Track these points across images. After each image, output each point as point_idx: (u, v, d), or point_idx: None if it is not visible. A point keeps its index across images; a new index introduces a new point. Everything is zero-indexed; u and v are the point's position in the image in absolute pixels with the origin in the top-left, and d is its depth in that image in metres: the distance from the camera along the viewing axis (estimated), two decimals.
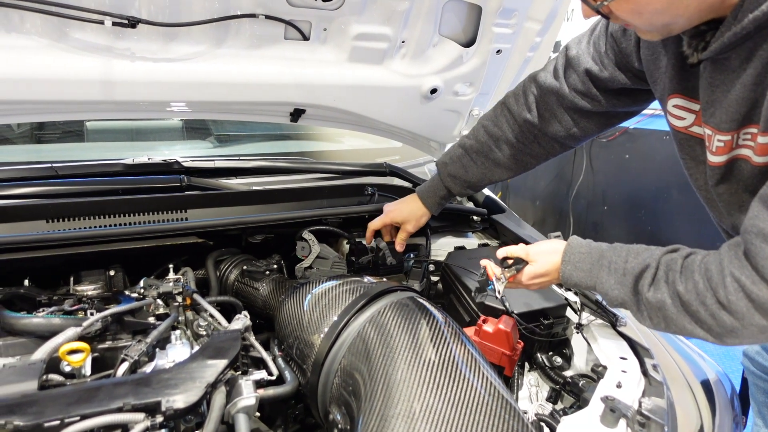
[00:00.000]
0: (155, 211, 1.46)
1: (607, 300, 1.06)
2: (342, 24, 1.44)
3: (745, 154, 0.91)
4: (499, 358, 1.23)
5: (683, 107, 1.04)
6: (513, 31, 1.55)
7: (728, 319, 0.87)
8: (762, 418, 1.36)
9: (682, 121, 1.06)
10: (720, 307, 0.87)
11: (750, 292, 0.83)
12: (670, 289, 0.93)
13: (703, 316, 0.90)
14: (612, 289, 1.03)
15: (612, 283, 1.03)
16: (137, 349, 1.03)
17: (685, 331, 0.94)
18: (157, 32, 1.30)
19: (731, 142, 0.92)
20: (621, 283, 1.02)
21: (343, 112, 1.66)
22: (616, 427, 0.94)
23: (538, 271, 1.16)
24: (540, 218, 5.20)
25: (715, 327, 0.89)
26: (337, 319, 1.10)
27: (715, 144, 0.95)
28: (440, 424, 0.83)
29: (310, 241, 1.47)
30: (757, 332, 0.86)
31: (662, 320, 0.96)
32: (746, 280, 0.84)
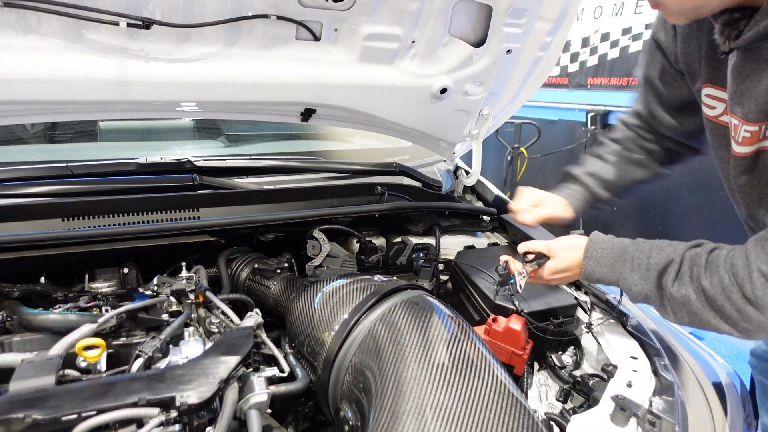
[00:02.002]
0: (168, 209, 1.48)
1: (630, 295, 1.06)
2: (353, 24, 1.45)
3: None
4: (509, 357, 1.24)
5: (715, 96, 1.04)
6: (523, 31, 1.55)
7: (755, 314, 0.87)
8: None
9: (713, 110, 1.06)
10: (746, 302, 0.87)
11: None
12: (695, 284, 0.93)
13: (729, 311, 0.89)
14: (635, 285, 1.03)
15: (635, 279, 1.03)
16: (151, 345, 1.04)
17: (709, 325, 0.94)
18: (170, 33, 1.32)
19: (758, 133, 0.91)
20: (644, 278, 1.01)
21: (353, 112, 1.67)
22: (627, 426, 0.94)
23: (560, 266, 1.16)
24: None
25: (741, 322, 0.89)
26: (347, 317, 1.11)
27: (741, 134, 0.94)
28: (450, 421, 0.83)
29: (321, 240, 1.48)
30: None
31: (686, 315, 0.96)
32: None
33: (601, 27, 4.62)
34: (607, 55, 4.61)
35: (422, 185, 1.89)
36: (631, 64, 4.35)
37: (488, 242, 1.80)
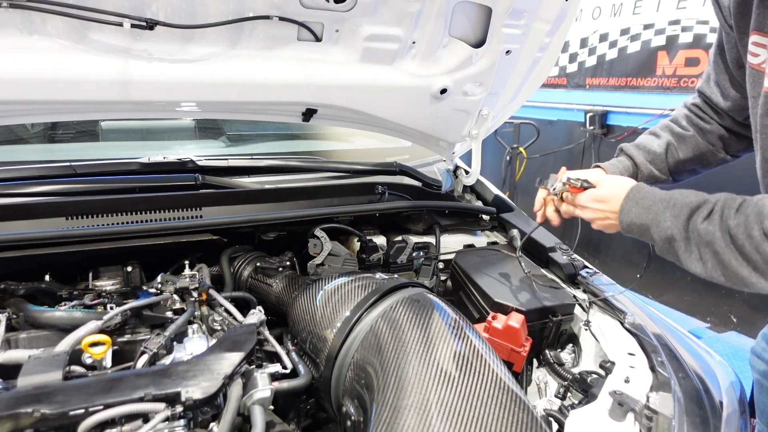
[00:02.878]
0: (171, 208, 1.49)
1: (657, 236, 1.04)
2: (354, 25, 1.47)
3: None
4: (508, 354, 1.25)
5: (760, 44, 1.04)
6: (522, 32, 1.57)
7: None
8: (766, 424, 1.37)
9: (757, 58, 1.06)
10: (765, 237, 0.87)
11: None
12: (723, 224, 0.94)
13: (749, 249, 0.90)
14: (665, 221, 1.02)
15: (667, 216, 1.02)
16: (156, 341, 1.06)
17: (730, 267, 0.93)
18: (173, 34, 1.33)
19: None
20: (676, 215, 1.00)
21: (354, 112, 1.68)
22: (624, 421, 0.96)
23: (600, 195, 1.14)
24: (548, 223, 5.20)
25: (761, 263, 0.89)
26: (349, 314, 1.12)
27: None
28: (451, 416, 0.85)
29: (322, 239, 1.50)
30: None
31: (711, 257, 0.96)
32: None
33: (600, 27, 4.64)
34: (605, 55, 4.62)
35: (422, 185, 1.90)
36: (629, 65, 4.37)
37: (488, 241, 1.82)
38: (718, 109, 1.33)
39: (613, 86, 4.56)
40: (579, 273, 1.49)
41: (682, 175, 1.40)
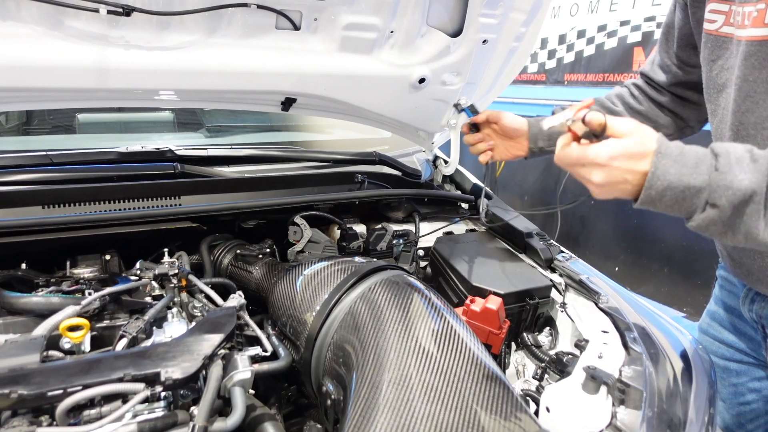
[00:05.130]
0: (149, 197, 1.49)
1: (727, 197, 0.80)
2: (332, 14, 1.47)
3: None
4: (487, 336, 1.28)
5: (717, 10, 1.08)
6: (498, 22, 1.59)
7: None
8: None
9: (713, 24, 1.09)
10: None
11: None
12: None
13: None
14: (737, 176, 0.80)
15: (737, 171, 0.80)
16: (135, 326, 1.06)
17: None
18: (150, 21, 1.32)
19: (765, 11, 0.93)
20: (751, 170, 0.80)
21: (333, 101, 1.69)
22: (597, 394, 0.99)
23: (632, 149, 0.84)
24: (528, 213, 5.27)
25: None
26: (328, 296, 1.13)
27: (751, 16, 0.97)
28: (430, 391, 0.87)
29: (302, 226, 1.51)
30: None
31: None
32: None
33: (577, 24, 4.70)
34: (583, 51, 4.69)
35: (402, 174, 1.92)
36: (606, 61, 4.44)
37: (466, 228, 1.84)
38: (659, 86, 1.38)
39: (591, 82, 4.63)
40: (555, 257, 1.52)
41: None
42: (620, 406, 0.96)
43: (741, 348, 1.34)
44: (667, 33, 1.33)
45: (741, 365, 1.35)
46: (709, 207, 0.82)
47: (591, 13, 4.58)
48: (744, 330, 1.31)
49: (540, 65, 5.10)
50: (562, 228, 4.69)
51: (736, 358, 1.36)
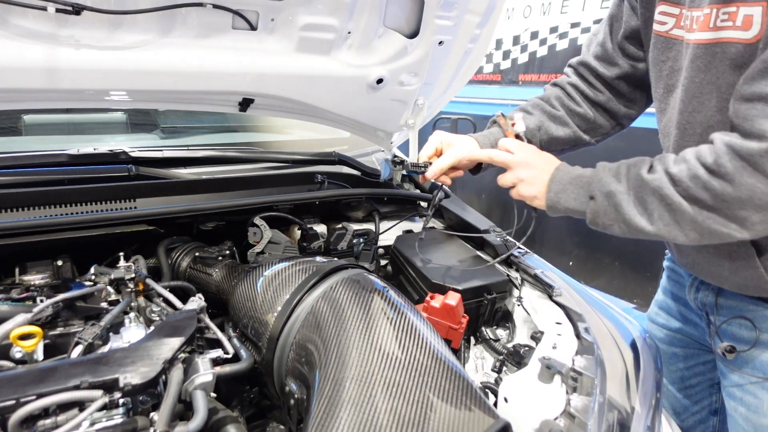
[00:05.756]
0: (103, 200, 1.45)
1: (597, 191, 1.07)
2: (289, 14, 1.48)
3: (730, 36, 0.96)
4: (446, 331, 1.30)
5: (667, 13, 1.13)
6: (454, 24, 1.63)
7: (719, 184, 0.90)
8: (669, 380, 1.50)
9: (664, 26, 1.14)
10: (710, 174, 0.91)
11: (740, 149, 0.88)
12: (666, 173, 0.98)
13: (695, 191, 0.93)
14: (607, 176, 1.06)
15: (607, 173, 1.06)
16: (91, 332, 1.03)
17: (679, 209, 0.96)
18: (102, 20, 1.29)
19: (710, 16, 0.99)
20: (616, 173, 1.05)
21: (291, 102, 1.69)
22: (552, 383, 1.03)
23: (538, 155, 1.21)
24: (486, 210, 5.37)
25: (709, 199, 0.92)
26: (289, 297, 1.14)
27: (699, 21, 1.02)
28: (392, 386, 0.88)
29: (262, 227, 1.50)
30: (748, 195, 0.88)
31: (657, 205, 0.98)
32: (736, 140, 0.89)
33: (531, 26, 4.83)
34: (536, 52, 4.82)
35: (361, 174, 1.93)
36: (558, 61, 4.58)
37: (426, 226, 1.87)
38: (598, 83, 1.41)
39: (544, 82, 4.76)
40: (512, 253, 1.56)
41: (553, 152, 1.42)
42: (573, 394, 1.00)
43: (687, 334, 1.41)
44: (612, 25, 1.36)
45: (687, 350, 1.43)
46: (591, 200, 1.08)
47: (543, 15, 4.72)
48: (690, 317, 1.38)
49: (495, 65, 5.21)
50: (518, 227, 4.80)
51: (683, 344, 1.43)
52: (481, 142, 1.39)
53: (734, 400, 1.23)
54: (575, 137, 1.42)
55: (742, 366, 1.19)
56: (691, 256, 1.23)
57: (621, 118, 1.43)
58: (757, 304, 1.14)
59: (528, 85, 4.94)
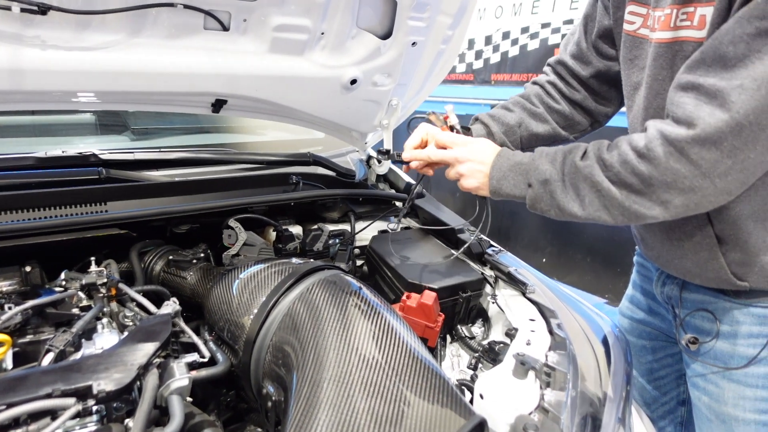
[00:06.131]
0: (72, 204, 1.42)
1: (534, 179, 1.11)
2: (262, 15, 1.47)
3: (687, 35, 1.01)
4: (423, 330, 1.32)
5: (636, 12, 1.17)
6: (426, 25, 1.64)
7: (646, 168, 0.95)
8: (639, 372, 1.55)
9: (632, 25, 1.18)
10: (639, 158, 0.96)
11: (668, 134, 0.93)
12: (599, 159, 1.03)
13: (624, 175, 0.98)
14: (542, 165, 1.10)
15: (543, 161, 1.11)
16: (62, 339, 1.01)
17: (609, 195, 1.01)
18: (69, 20, 1.27)
19: (671, 16, 1.03)
20: (552, 159, 1.09)
21: (265, 103, 1.68)
22: (526, 378, 1.05)
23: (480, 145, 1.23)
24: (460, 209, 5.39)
25: (637, 183, 0.97)
26: (266, 299, 1.13)
27: (660, 20, 1.06)
28: (370, 386, 0.89)
29: (237, 229, 1.49)
30: (672, 179, 0.94)
31: (589, 191, 1.04)
32: (667, 126, 0.94)
33: (502, 26, 4.89)
34: (508, 52, 4.88)
35: (336, 174, 1.94)
36: (530, 61, 4.65)
37: (401, 227, 1.88)
38: (576, 82, 1.45)
39: (516, 81, 4.82)
40: (485, 251, 1.58)
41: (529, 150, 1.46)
42: (547, 389, 1.03)
43: (656, 327, 1.46)
44: (586, 24, 1.40)
45: (656, 343, 1.48)
46: (529, 187, 1.13)
47: (515, 15, 4.77)
48: (658, 311, 1.43)
49: (468, 65, 5.26)
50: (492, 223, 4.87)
51: (651, 337, 1.48)
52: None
53: (698, 390, 1.27)
54: (554, 133, 1.46)
55: (704, 357, 1.23)
56: (656, 249, 1.28)
57: (597, 116, 1.48)
58: (717, 296, 1.19)
59: (500, 84, 5.00)
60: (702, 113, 0.90)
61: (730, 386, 1.19)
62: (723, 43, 0.90)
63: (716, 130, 0.89)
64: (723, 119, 0.88)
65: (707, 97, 0.90)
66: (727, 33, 0.89)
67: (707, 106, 0.90)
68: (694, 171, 0.92)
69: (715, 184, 0.93)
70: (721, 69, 0.89)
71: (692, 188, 0.94)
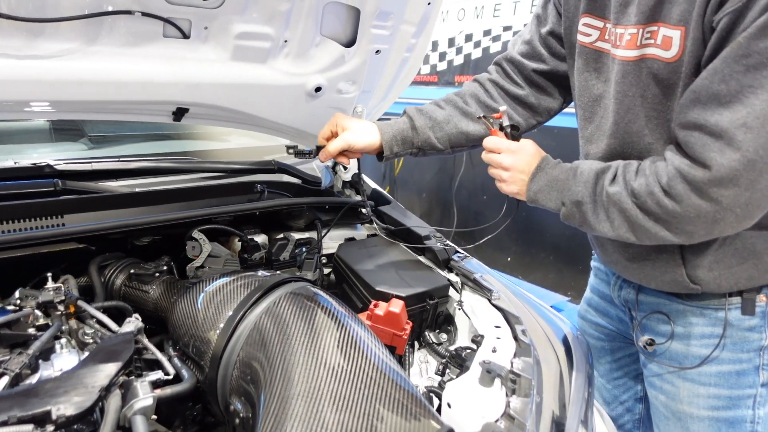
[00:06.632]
0: (26, 218, 1.36)
1: (567, 200, 1.16)
2: (223, 23, 1.45)
3: (652, 53, 1.05)
4: (391, 338, 1.32)
5: (591, 25, 1.20)
6: (390, 33, 1.65)
7: (670, 203, 1.00)
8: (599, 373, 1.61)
9: (588, 37, 1.22)
10: (664, 193, 1.00)
11: (687, 175, 0.97)
12: (627, 185, 1.06)
13: (650, 205, 1.02)
14: (576, 186, 1.14)
15: (576, 181, 1.14)
16: (18, 361, 0.98)
17: (637, 221, 1.06)
18: (20, 27, 1.22)
19: (637, 36, 1.07)
20: (585, 181, 1.13)
21: (228, 111, 1.66)
22: (492, 386, 1.07)
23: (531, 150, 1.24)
24: (426, 209, 5.46)
25: (662, 214, 1.02)
26: (232, 313, 1.12)
27: (624, 39, 1.10)
28: (339, 401, 0.89)
29: (201, 241, 1.47)
30: (695, 215, 0.98)
31: (618, 215, 1.08)
32: (684, 165, 0.98)
33: (465, 28, 4.95)
34: (471, 54, 4.94)
35: (302, 182, 1.93)
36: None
37: (368, 234, 1.89)
38: (520, 77, 1.46)
39: None
40: (452, 257, 1.60)
41: (458, 149, 1.48)
42: (512, 396, 1.05)
43: (613, 329, 1.50)
44: (538, 24, 1.43)
45: (614, 344, 1.53)
46: (563, 205, 1.17)
47: (477, 18, 4.84)
48: (615, 313, 1.47)
49: (432, 67, 5.30)
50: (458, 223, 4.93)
51: (610, 338, 1.53)
52: (382, 130, 1.42)
53: (655, 389, 1.32)
54: (486, 133, 1.44)
55: (660, 357, 1.28)
56: (615, 256, 1.32)
57: (540, 113, 1.49)
58: (671, 299, 1.24)
59: None
60: (712, 153, 0.94)
61: (685, 385, 1.24)
62: (714, 82, 0.94)
63: (731, 169, 0.92)
64: (735, 158, 0.92)
65: (712, 136, 0.94)
66: (716, 72, 0.94)
67: (715, 145, 0.94)
68: (715, 207, 0.96)
69: (737, 214, 0.97)
70: (717, 106, 0.93)
71: (715, 221, 0.98)
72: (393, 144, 1.43)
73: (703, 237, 1.04)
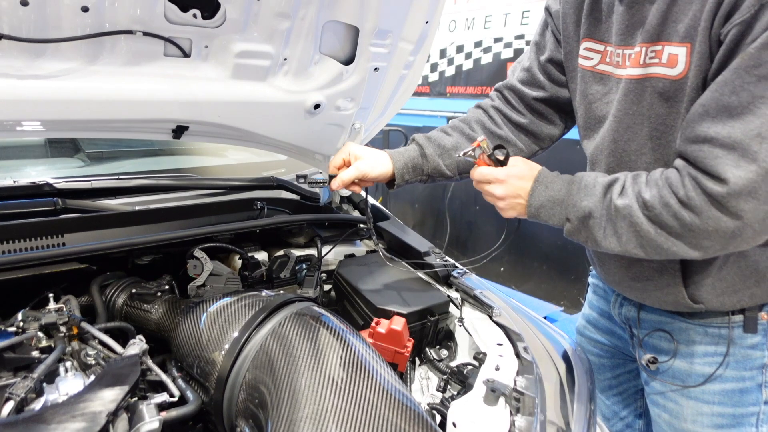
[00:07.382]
0: (26, 238, 1.36)
1: (573, 216, 1.11)
2: (224, 41, 1.46)
3: (657, 72, 1.05)
4: (393, 356, 1.33)
5: (592, 49, 1.21)
6: (388, 51, 1.66)
7: (688, 215, 0.96)
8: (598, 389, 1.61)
9: (589, 61, 1.22)
10: (681, 205, 0.97)
11: (705, 187, 0.94)
12: (638, 198, 1.02)
13: (666, 217, 0.99)
14: (581, 200, 1.10)
15: (581, 196, 1.10)
16: (23, 386, 0.97)
17: (648, 236, 1.02)
18: (21, 48, 1.22)
19: (640, 54, 1.07)
20: (590, 194, 1.09)
21: (227, 128, 1.66)
22: (497, 405, 1.08)
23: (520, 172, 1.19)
24: (420, 220, 5.49)
25: (677, 227, 0.98)
26: (237, 334, 1.12)
27: (627, 58, 1.11)
28: (345, 422, 0.90)
29: (202, 259, 1.47)
30: (714, 228, 0.95)
31: (627, 229, 1.04)
32: (702, 178, 0.95)
33: (456, 40, 4.99)
34: (462, 66, 4.99)
35: (300, 198, 1.93)
36: (484, 74, 4.76)
37: (367, 250, 1.89)
38: (521, 105, 1.47)
39: (471, 94, 4.93)
40: (451, 274, 1.61)
41: (465, 175, 1.44)
42: (517, 414, 1.06)
43: (613, 346, 1.52)
44: (537, 51, 1.44)
45: (614, 360, 1.54)
46: (567, 221, 1.14)
47: (468, 29, 4.89)
48: (615, 330, 1.49)
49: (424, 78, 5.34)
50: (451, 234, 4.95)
51: (609, 354, 1.54)
52: (394, 158, 1.42)
53: (657, 407, 1.33)
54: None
55: (663, 375, 1.29)
56: (616, 275, 1.33)
57: (543, 140, 1.50)
58: (674, 317, 1.25)
59: (455, 97, 5.10)
60: (726, 166, 0.92)
61: (689, 403, 1.25)
62: (724, 94, 0.92)
63: (749, 181, 0.90)
64: (752, 170, 0.90)
65: (724, 149, 0.92)
66: (726, 84, 0.93)
67: (728, 158, 0.92)
68: (735, 221, 0.94)
69: (755, 229, 0.95)
70: (728, 118, 0.92)
71: (733, 235, 0.95)
72: (404, 172, 1.42)
73: (717, 252, 1.01)
